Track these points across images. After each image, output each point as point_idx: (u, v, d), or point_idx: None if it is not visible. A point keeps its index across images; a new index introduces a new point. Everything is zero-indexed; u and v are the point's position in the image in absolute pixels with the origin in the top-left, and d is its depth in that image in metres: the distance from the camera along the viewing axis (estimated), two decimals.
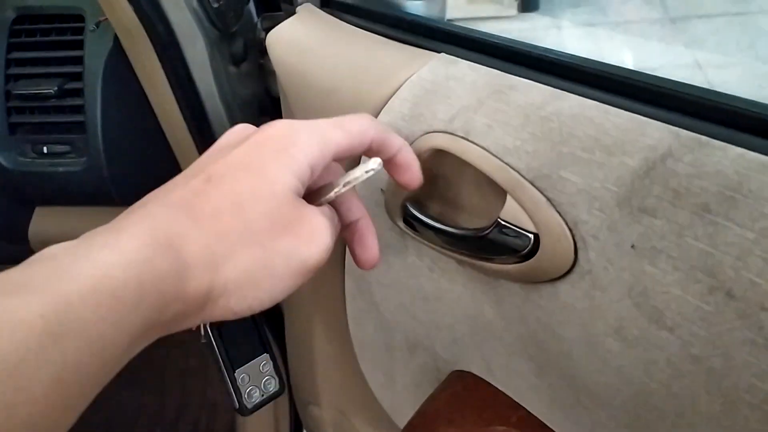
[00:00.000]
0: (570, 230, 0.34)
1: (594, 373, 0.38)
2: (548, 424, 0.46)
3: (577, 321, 0.36)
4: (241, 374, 0.51)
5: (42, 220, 0.69)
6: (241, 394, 0.55)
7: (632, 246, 0.31)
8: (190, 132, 0.69)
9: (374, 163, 0.35)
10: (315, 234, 0.33)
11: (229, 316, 0.31)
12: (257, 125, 0.38)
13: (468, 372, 0.52)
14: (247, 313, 0.32)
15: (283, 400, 1.06)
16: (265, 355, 0.48)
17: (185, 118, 0.68)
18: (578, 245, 0.34)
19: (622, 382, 0.36)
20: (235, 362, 0.51)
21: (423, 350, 0.57)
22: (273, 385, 0.53)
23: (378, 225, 0.51)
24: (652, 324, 0.32)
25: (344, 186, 0.35)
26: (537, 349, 0.42)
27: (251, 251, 0.31)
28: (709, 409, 0.31)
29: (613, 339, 0.34)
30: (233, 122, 0.76)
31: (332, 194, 0.36)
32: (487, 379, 0.51)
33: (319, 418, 0.80)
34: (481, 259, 0.40)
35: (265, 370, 0.58)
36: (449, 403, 0.51)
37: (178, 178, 0.34)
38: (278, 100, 0.68)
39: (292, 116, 0.57)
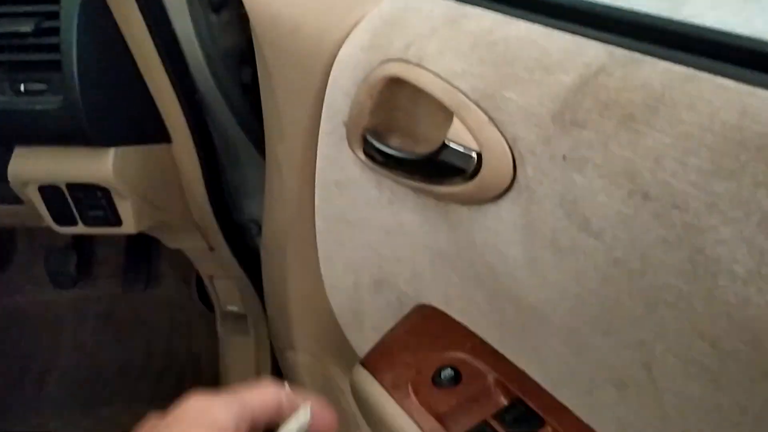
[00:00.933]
0: (509, 147, 0.36)
1: (535, 290, 0.39)
2: (499, 350, 0.48)
3: (519, 238, 0.38)
4: None
5: (20, 160, 0.70)
6: None
7: (564, 157, 0.33)
8: (170, 79, 0.70)
9: (305, 413, 0.34)
10: None
11: None
12: (238, 76, 0.36)
13: (428, 305, 0.54)
14: None
15: (264, 348, 1.08)
16: None
17: (164, 65, 0.69)
18: (517, 161, 0.36)
19: (559, 295, 0.37)
20: None
21: (387, 287, 0.58)
22: None
23: (342, 159, 0.53)
24: (581, 232, 0.33)
25: None
26: (487, 273, 0.43)
27: None
28: (632, 312, 0.33)
29: (550, 252, 0.36)
30: (213, 72, 0.77)
31: None
32: (445, 311, 0.52)
33: (294, 362, 0.82)
34: (433, 183, 0.41)
35: None
36: (408, 333, 0.53)
37: None
38: None
39: (264, 62, 0.58)
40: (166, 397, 1.06)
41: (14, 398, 1.29)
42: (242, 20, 0.79)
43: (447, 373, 0.48)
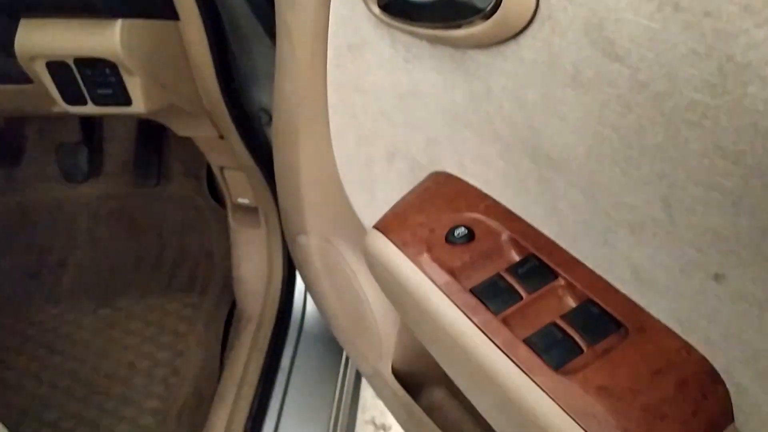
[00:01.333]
0: None
1: (552, 136, 0.39)
2: (514, 209, 0.47)
3: (539, 79, 0.37)
4: None
5: (27, 32, 0.69)
6: None
7: None
8: None
9: None
10: None
11: None
12: None
13: (442, 172, 0.54)
14: None
15: (276, 239, 1.09)
16: None
17: None
18: None
19: (578, 137, 0.37)
20: None
21: (401, 158, 0.58)
22: None
23: (356, 19, 0.51)
24: (605, 58, 0.32)
25: None
26: (504, 125, 0.43)
27: None
28: (653, 142, 0.32)
29: (571, 88, 0.35)
30: None
31: None
32: (460, 176, 0.52)
33: (306, 246, 0.83)
34: (451, 26, 0.40)
35: None
36: (421, 197, 0.53)
37: None
38: None
39: None
40: (179, 289, 1.09)
41: (32, 290, 1.32)
42: None
43: (460, 231, 0.48)
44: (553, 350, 0.39)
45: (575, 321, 0.41)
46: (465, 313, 0.43)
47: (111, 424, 1.09)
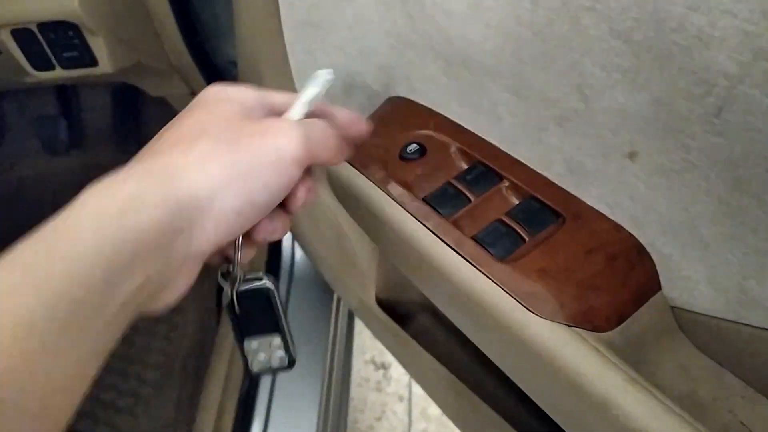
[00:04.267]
0: None
1: (482, 42, 0.41)
2: (460, 122, 0.50)
3: None
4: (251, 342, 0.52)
5: None
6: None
7: None
8: None
9: (328, 74, 0.40)
10: (282, 130, 0.34)
11: (227, 217, 0.33)
12: None
13: (395, 96, 0.56)
14: (247, 209, 0.33)
15: None
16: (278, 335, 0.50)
17: None
18: None
19: (503, 40, 0.40)
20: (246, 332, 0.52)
21: (358, 89, 0.60)
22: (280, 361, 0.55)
23: None
24: None
25: (307, 103, 0.39)
26: (441, 40, 0.45)
27: (220, 158, 0.32)
28: (560, 32, 0.35)
29: None
30: None
31: (295, 112, 0.39)
32: (411, 98, 0.55)
33: None
34: None
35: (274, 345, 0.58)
36: (376, 122, 0.56)
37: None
38: None
39: None
40: None
41: None
42: None
43: (412, 147, 0.51)
44: (498, 243, 0.43)
45: (518, 216, 0.44)
46: (418, 220, 0.46)
47: (116, 382, 1.14)
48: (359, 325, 1.50)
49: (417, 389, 1.39)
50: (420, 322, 0.88)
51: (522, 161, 0.46)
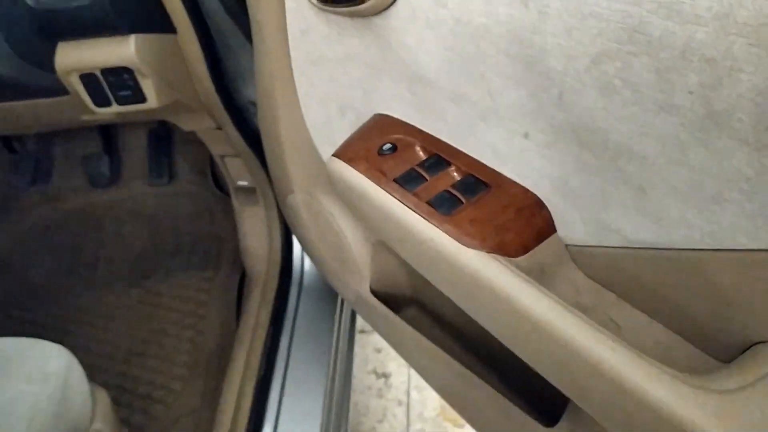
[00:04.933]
0: None
1: (429, 65, 0.60)
2: (422, 127, 0.69)
3: (411, 27, 0.58)
4: None
5: (64, 53, 0.91)
6: None
7: None
8: None
9: None
10: None
11: None
12: None
13: (377, 113, 0.75)
14: None
15: (272, 211, 1.31)
16: None
17: None
18: None
19: (439, 63, 0.58)
20: None
21: (349, 110, 0.79)
22: None
23: (302, 9, 0.73)
24: (438, 8, 0.53)
25: None
26: (402, 66, 0.64)
27: None
28: (467, 51, 0.53)
29: (428, 29, 0.56)
30: None
31: None
32: (387, 113, 0.73)
33: (294, 203, 1.04)
34: (359, 3, 0.62)
35: None
36: (361, 131, 0.74)
37: None
38: None
39: None
40: (196, 267, 1.32)
41: (71, 284, 1.54)
42: None
43: (387, 146, 0.69)
44: (444, 205, 0.60)
45: (459, 187, 0.62)
46: (390, 194, 0.64)
47: (151, 377, 1.31)
48: (362, 340, 1.66)
49: (415, 394, 1.54)
50: (409, 312, 1.05)
51: (463, 151, 0.64)
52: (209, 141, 1.23)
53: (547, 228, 0.58)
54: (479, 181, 0.62)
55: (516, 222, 0.57)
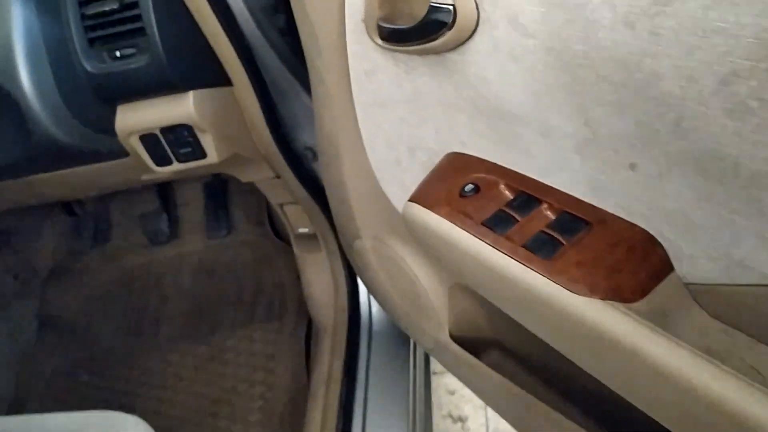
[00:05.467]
0: None
1: (511, 98, 0.56)
2: (503, 164, 0.64)
3: (491, 60, 0.54)
4: None
5: (124, 116, 0.90)
6: None
7: None
8: (224, 30, 0.88)
9: None
10: None
11: None
12: (275, 22, 0.50)
13: (451, 152, 0.71)
14: None
15: (336, 258, 1.27)
16: None
17: (218, 20, 0.87)
18: (478, 3, 0.52)
19: (526, 96, 0.54)
20: None
21: (420, 150, 0.75)
22: None
23: (366, 51, 0.69)
24: (523, 37, 0.49)
25: None
26: (482, 102, 0.60)
27: None
28: (565, 83, 0.49)
29: (512, 63, 0.52)
30: (256, 20, 0.95)
31: None
32: (463, 151, 0.69)
33: (362, 249, 1.00)
34: (430, 40, 0.58)
35: None
36: (438, 173, 0.70)
37: None
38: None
39: (301, 5, 0.76)
40: (261, 319, 1.30)
41: (136, 343, 1.53)
42: None
43: (469, 187, 0.65)
44: (543, 248, 0.55)
45: (556, 227, 0.57)
46: (480, 239, 0.59)
47: (228, 425, 1.27)
48: (434, 382, 1.60)
49: None
50: (492, 356, 0.99)
51: (554, 186, 0.59)
52: (268, 190, 1.21)
53: (664, 266, 0.52)
54: (578, 219, 0.56)
55: (628, 262, 0.52)
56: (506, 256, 0.57)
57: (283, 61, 0.98)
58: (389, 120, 0.75)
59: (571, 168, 0.56)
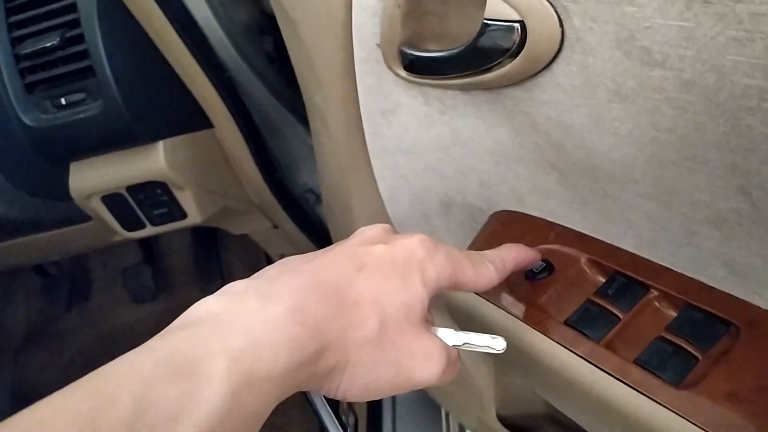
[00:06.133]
0: (551, 4, 0.34)
1: (608, 152, 0.38)
2: (584, 231, 0.47)
3: (581, 100, 0.37)
4: None
5: (78, 175, 0.73)
6: None
7: None
8: (198, 62, 0.71)
9: (499, 345, 0.40)
10: (429, 358, 0.36)
11: (332, 395, 0.35)
12: (261, 46, 0.38)
13: (503, 211, 0.53)
14: (345, 398, 0.35)
15: None
16: None
17: (189, 50, 0.69)
18: (562, 17, 0.34)
19: (636, 148, 0.36)
20: None
21: (457, 206, 0.58)
22: None
23: (384, 85, 0.52)
24: (644, 66, 0.32)
25: (463, 346, 0.40)
26: (555, 153, 0.43)
27: (373, 350, 0.35)
28: (715, 134, 0.31)
29: (616, 102, 0.35)
30: (237, 46, 0.77)
31: (450, 338, 0.40)
32: (520, 210, 0.52)
33: None
34: (480, 72, 0.41)
35: None
36: (489, 240, 0.53)
37: (333, 252, 0.38)
38: (275, 18, 0.68)
39: (284, 12, 0.58)
40: None
41: None
42: None
43: (538, 264, 0.47)
44: (667, 365, 0.38)
45: (681, 330, 0.39)
46: (566, 347, 0.42)
47: None
48: None
49: None
50: None
51: (667, 266, 0.42)
52: (265, 241, 1.03)
53: None
54: (714, 317, 0.39)
55: None
56: (610, 377, 0.39)
57: (272, 93, 0.81)
58: (416, 169, 0.58)
59: (699, 245, 0.38)
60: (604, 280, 0.44)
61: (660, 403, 0.37)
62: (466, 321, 0.52)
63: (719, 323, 0.38)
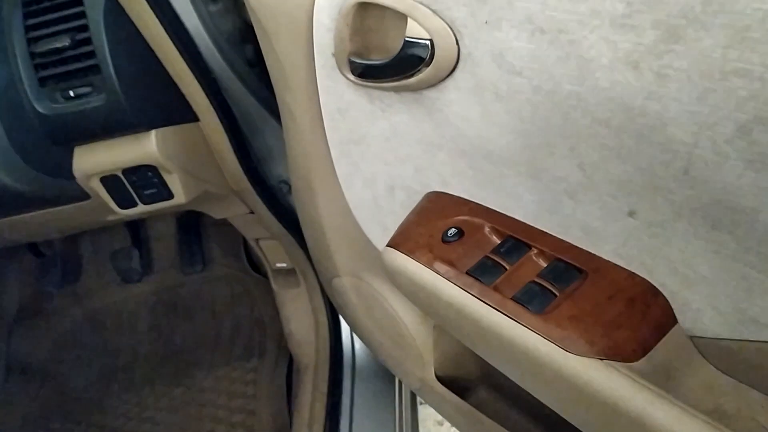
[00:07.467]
0: (450, 28, 0.48)
1: (495, 138, 0.51)
2: (488, 205, 0.60)
3: (474, 99, 0.50)
4: None
5: (81, 158, 0.84)
6: None
7: (486, 22, 0.45)
8: (187, 64, 0.83)
9: None
10: None
11: None
12: (243, 53, 0.46)
13: (432, 191, 0.66)
14: None
15: (316, 292, 1.22)
16: None
17: (181, 54, 0.82)
18: (458, 37, 0.48)
19: (513, 137, 0.49)
20: None
21: (399, 189, 0.70)
22: None
23: (338, 87, 0.65)
24: (510, 75, 0.45)
25: None
26: (464, 142, 0.55)
27: None
28: (557, 125, 0.44)
29: (496, 101, 0.48)
30: (222, 53, 0.90)
31: None
32: (445, 191, 0.64)
33: (341, 287, 0.95)
34: (406, 76, 0.53)
35: None
36: (418, 214, 0.65)
37: None
38: None
39: (260, 25, 0.71)
40: (239, 357, 1.23)
41: (109, 387, 1.45)
42: (236, 5, 0.92)
43: (452, 231, 0.60)
44: (534, 300, 0.51)
45: (548, 276, 0.52)
46: (465, 290, 0.55)
47: None
48: (422, 413, 1.54)
49: None
50: (480, 395, 0.94)
51: (544, 230, 0.55)
52: (242, 226, 1.15)
53: (667, 320, 0.48)
54: (571, 267, 0.52)
55: (628, 316, 0.47)
56: (494, 310, 0.52)
57: (252, 93, 0.93)
58: (365, 157, 0.70)
59: (562, 212, 0.51)
60: (499, 242, 0.57)
61: (525, 326, 0.50)
62: (395, 276, 0.64)
63: (574, 270, 0.51)
